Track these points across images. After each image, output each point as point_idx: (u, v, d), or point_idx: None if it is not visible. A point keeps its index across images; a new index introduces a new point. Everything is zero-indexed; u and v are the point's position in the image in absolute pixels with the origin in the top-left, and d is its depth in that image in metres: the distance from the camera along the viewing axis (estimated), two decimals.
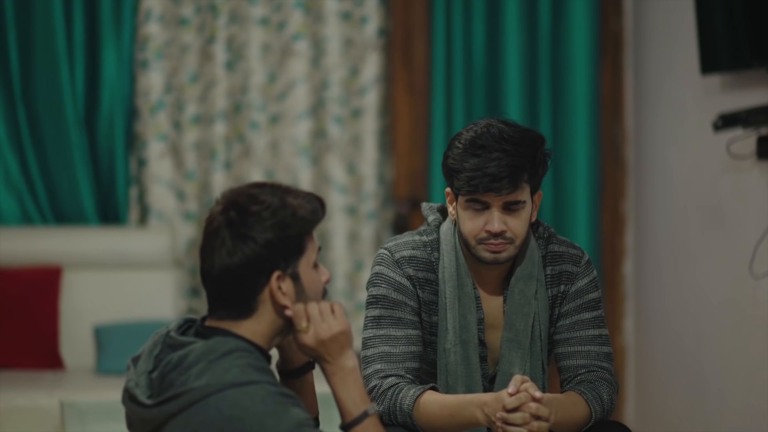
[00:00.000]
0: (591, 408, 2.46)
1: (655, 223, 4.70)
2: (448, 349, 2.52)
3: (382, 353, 2.48)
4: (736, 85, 4.02)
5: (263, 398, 1.96)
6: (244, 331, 2.06)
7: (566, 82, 4.88)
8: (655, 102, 4.70)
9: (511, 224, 2.44)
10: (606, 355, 2.54)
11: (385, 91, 4.98)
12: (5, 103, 4.72)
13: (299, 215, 2.06)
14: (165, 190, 4.87)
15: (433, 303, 2.54)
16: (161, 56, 4.85)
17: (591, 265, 2.59)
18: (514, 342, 2.53)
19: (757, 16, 3.74)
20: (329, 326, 2.09)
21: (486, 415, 2.33)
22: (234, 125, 4.92)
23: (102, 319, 4.57)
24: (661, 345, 4.64)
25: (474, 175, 2.39)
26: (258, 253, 2.03)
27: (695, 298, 4.33)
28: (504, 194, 2.40)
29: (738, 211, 4.03)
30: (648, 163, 4.77)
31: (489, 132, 2.42)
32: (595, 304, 2.57)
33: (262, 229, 2.03)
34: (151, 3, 4.83)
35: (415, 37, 4.96)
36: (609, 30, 4.93)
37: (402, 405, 2.42)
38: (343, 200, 4.94)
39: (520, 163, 2.39)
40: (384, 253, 2.54)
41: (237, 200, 2.06)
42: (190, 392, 1.97)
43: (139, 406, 2.03)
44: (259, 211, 2.04)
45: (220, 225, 2.05)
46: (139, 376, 2.05)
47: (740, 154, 3.95)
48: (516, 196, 2.42)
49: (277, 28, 4.92)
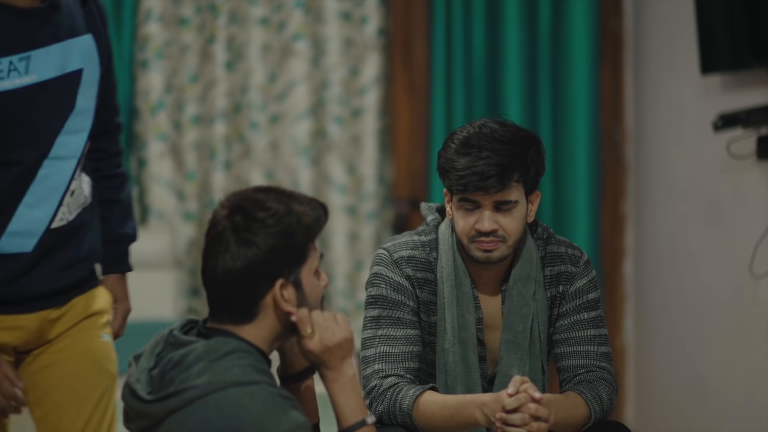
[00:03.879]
0: (590, 408, 2.46)
1: (655, 223, 4.70)
2: (446, 348, 2.52)
3: (381, 353, 2.48)
4: (736, 85, 4.02)
5: (263, 399, 1.96)
6: (245, 334, 2.07)
7: (566, 82, 4.88)
8: (655, 102, 4.70)
9: (503, 223, 2.44)
10: (605, 355, 2.54)
11: (385, 91, 4.99)
12: None
13: (304, 223, 2.06)
14: (165, 190, 4.87)
15: (432, 303, 2.54)
16: (161, 56, 4.85)
17: (590, 265, 2.59)
18: (513, 344, 2.53)
19: (757, 16, 3.73)
20: (334, 333, 2.09)
21: (485, 416, 2.33)
22: (234, 125, 4.93)
23: None
24: (661, 345, 4.64)
25: (464, 173, 2.39)
26: (261, 259, 2.03)
27: (695, 298, 4.33)
28: (492, 193, 2.40)
29: (738, 211, 4.03)
30: (648, 163, 4.77)
31: (481, 132, 2.43)
32: (594, 304, 2.57)
33: (267, 235, 2.03)
34: (151, 3, 4.84)
35: (415, 37, 4.96)
36: (609, 30, 4.93)
37: (402, 405, 2.43)
38: (343, 200, 4.94)
39: (510, 162, 2.39)
40: (382, 254, 2.54)
41: (243, 205, 2.06)
42: (191, 390, 1.98)
43: (138, 401, 2.04)
44: (265, 217, 2.04)
45: (224, 229, 2.05)
46: (140, 373, 2.06)
47: (740, 154, 3.95)
48: (505, 196, 2.42)
49: (277, 28, 4.92)
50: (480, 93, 4.88)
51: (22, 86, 2.30)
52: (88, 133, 2.42)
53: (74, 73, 2.38)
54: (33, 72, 2.31)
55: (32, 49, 2.31)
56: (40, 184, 2.35)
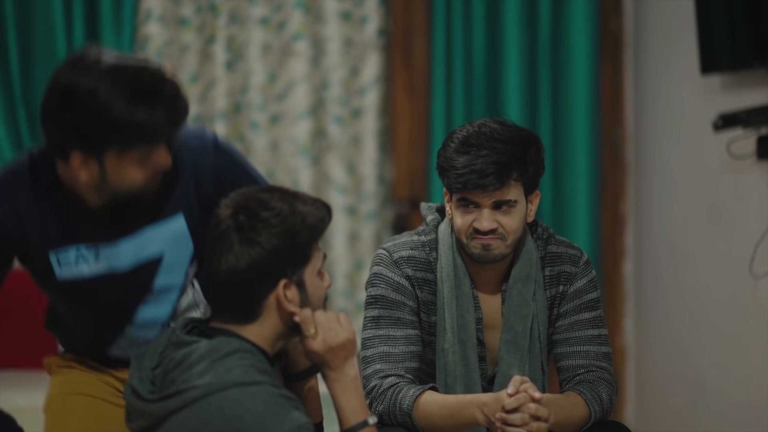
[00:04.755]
0: (590, 408, 2.46)
1: (655, 223, 4.70)
2: (446, 348, 2.52)
3: (381, 353, 2.48)
4: (736, 85, 4.02)
5: (265, 399, 1.96)
6: (248, 334, 2.07)
7: (566, 83, 4.88)
8: (655, 102, 4.70)
9: (503, 221, 2.44)
10: (605, 355, 2.54)
11: (385, 91, 4.98)
12: (5, 103, 4.72)
13: (308, 223, 2.06)
14: None
15: (432, 303, 2.54)
16: (161, 56, 4.85)
17: (590, 265, 2.60)
18: (513, 344, 2.53)
19: (757, 16, 3.73)
20: (337, 333, 2.10)
21: (485, 416, 2.33)
22: (234, 125, 4.92)
23: None
24: (661, 345, 4.64)
25: (463, 172, 2.39)
26: (265, 259, 2.03)
27: (695, 298, 4.33)
28: (491, 191, 2.40)
29: (738, 211, 4.03)
30: (648, 163, 4.77)
31: (481, 131, 2.43)
32: (594, 304, 2.57)
33: (271, 235, 2.03)
34: (151, 3, 4.84)
35: (415, 37, 4.95)
36: (609, 30, 4.93)
37: (401, 405, 2.43)
38: (343, 200, 4.94)
39: (508, 161, 2.39)
40: (382, 254, 2.54)
41: (247, 204, 2.06)
42: (193, 390, 1.98)
43: (140, 401, 2.04)
44: (269, 217, 2.04)
45: (228, 228, 2.05)
46: (143, 372, 2.06)
47: (740, 154, 3.94)
48: (504, 195, 2.42)
49: (277, 28, 4.92)
50: (480, 93, 4.88)
51: (91, 275, 2.25)
52: (180, 289, 2.35)
53: (152, 260, 2.28)
54: (102, 260, 2.24)
55: (102, 241, 2.23)
56: (138, 328, 2.35)
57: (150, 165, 2.12)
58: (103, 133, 2.06)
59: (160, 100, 2.07)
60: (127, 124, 2.05)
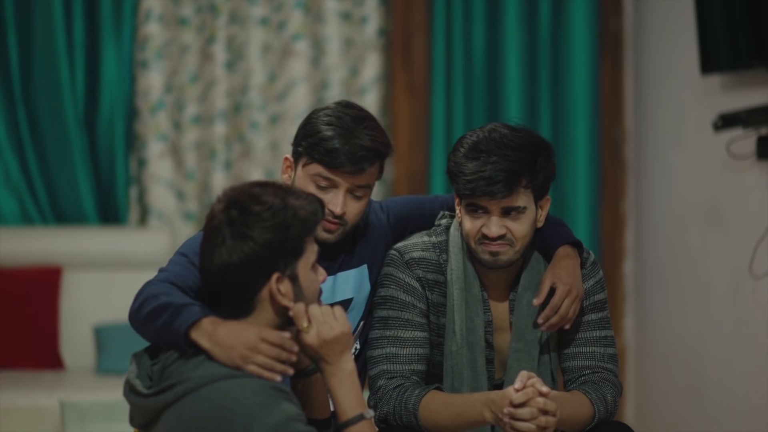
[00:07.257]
0: (595, 408, 2.46)
1: (655, 223, 4.70)
2: (454, 351, 2.51)
3: (388, 354, 2.48)
4: (736, 85, 4.02)
5: (255, 390, 1.97)
6: None
7: (566, 83, 4.88)
8: (655, 102, 4.70)
9: (511, 227, 2.43)
10: (611, 357, 2.54)
11: (385, 91, 4.98)
12: (5, 103, 4.72)
13: (300, 217, 2.07)
14: (165, 190, 4.87)
15: (442, 305, 2.53)
16: (161, 56, 4.85)
17: (597, 266, 2.60)
18: (523, 353, 2.52)
19: (757, 16, 3.73)
20: (332, 327, 2.10)
21: (493, 413, 2.32)
22: (234, 125, 4.93)
23: (102, 319, 4.56)
24: (661, 345, 4.64)
25: (471, 178, 2.38)
26: (257, 253, 2.03)
27: (695, 297, 4.33)
28: (499, 198, 2.39)
29: (738, 211, 4.03)
30: (648, 163, 4.77)
31: (491, 136, 2.41)
32: (600, 306, 2.57)
33: (263, 229, 2.03)
34: (151, 3, 4.84)
35: (415, 37, 4.95)
36: (609, 30, 4.93)
37: (407, 404, 2.42)
38: None
39: (518, 168, 2.38)
40: (394, 254, 2.54)
41: (239, 199, 2.06)
42: (184, 382, 1.99)
43: (137, 396, 2.05)
44: (261, 211, 2.04)
45: (220, 223, 2.05)
46: (141, 369, 2.08)
47: (740, 154, 3.95)
48: (513, 201, 2.41)
49: (277, 28, 4.92)
50: (480, 93, 4.88)
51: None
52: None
53: (344, 301, 2.51)
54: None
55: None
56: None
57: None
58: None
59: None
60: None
